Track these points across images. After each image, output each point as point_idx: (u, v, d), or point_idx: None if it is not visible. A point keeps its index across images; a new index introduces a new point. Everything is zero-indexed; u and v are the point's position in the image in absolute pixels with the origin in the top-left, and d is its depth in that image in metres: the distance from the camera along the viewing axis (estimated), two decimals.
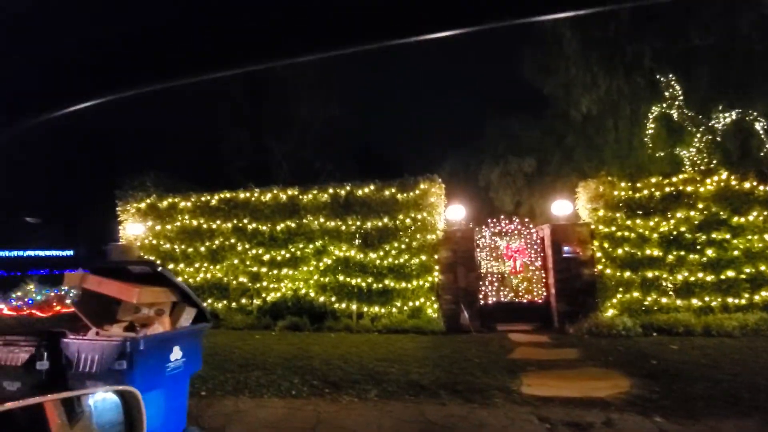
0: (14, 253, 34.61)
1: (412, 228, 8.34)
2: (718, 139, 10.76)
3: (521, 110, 14.73)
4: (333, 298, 8.53)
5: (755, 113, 10.51)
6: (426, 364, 6.01)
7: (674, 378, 5.24)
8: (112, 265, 4.32)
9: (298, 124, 17.06)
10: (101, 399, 1.31)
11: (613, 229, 7.94)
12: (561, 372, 5.74)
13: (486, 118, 15.39)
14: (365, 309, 8.42)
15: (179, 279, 3.78)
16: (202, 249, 8.93)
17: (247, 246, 8.85)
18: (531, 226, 8.64)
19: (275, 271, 8.71)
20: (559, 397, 4.82)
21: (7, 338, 3.68)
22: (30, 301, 10.00)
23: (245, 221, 8.87)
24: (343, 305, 8.48)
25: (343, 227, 8.53)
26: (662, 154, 11.63)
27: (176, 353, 3.63)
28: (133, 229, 9.52)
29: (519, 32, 14.90)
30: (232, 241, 8.92)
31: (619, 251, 7.90)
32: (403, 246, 8.32)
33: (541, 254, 8.48)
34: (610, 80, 10.64)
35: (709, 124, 10.47)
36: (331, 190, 8.63)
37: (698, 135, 10.57)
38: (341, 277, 8.47)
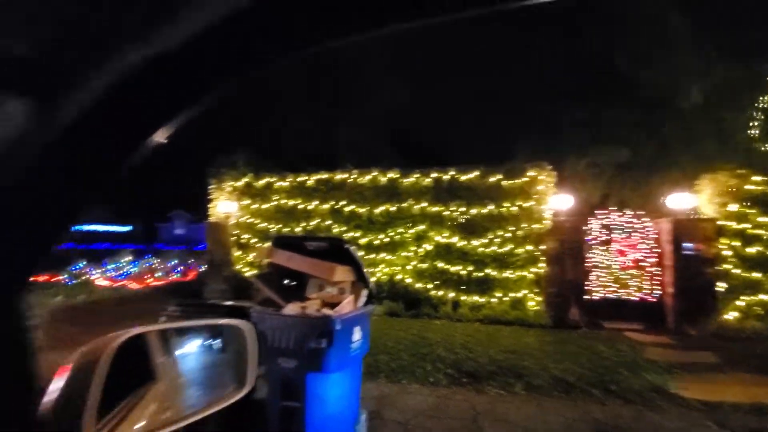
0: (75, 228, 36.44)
1: (519, 216, 8.01)
2: None
3: (602, 98, 13.94)
4: (429, 285, 8.35)
5: None
6: (558, 359, 5.73)
7: None
8: (286, 240, 4.22)
9: (367, 109, 16.78)
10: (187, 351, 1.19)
11: (746, 226, 7.34)
12: (710, 376, 5.37)
13: (564, 105, 14.63)
14: (462, 297, 8.20)
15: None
16: (298, 229, 8.93)
17: (344, 228, 8.77)
18: (647, 219, 8.12)
19: (372, 255, 8.60)
20: (727, 402, 4.48)
21: (170, 310, 3.58)
22: (126, 273, 10.34)
23: (342, 203, 8.78)
24: (440, 292, 8.28)
25: (446, 213, 8.29)
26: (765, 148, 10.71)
27: (357, 334, 3.51)
28: (226, 207, 9.62)
29: (603, 16, 14.04)
30: (329, 222, 8.87)
31: (751, 250, 7.31)
32: (508, 234, 8.01)
33: (656, 250, 7.97)
34: (725, 68, 9.82)
35: None
36: (434, 174, 8.39)
37: None
38: (441, 264, 8.26)
